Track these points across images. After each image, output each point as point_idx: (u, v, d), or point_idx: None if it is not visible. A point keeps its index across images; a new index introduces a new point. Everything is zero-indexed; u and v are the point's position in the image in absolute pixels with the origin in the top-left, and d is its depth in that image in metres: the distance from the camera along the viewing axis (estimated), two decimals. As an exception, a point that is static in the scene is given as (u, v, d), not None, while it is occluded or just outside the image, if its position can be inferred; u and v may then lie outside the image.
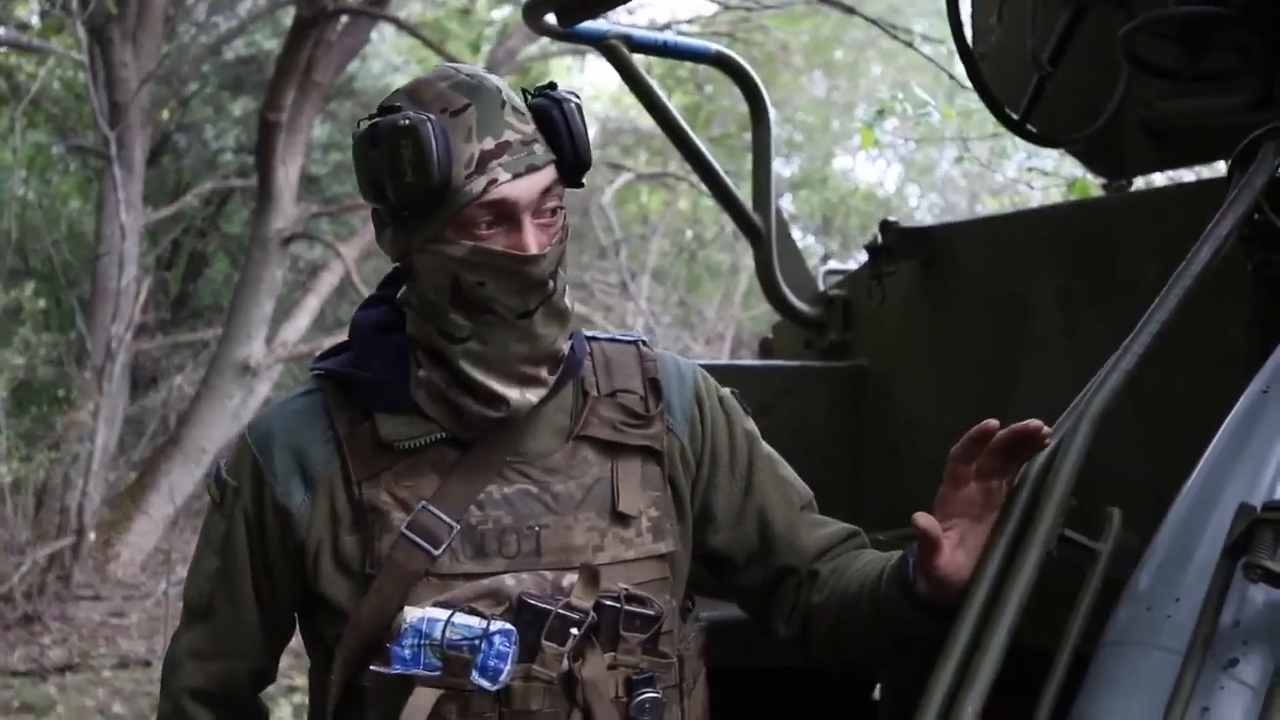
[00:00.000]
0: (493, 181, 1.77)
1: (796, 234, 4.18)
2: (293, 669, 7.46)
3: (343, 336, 2.01)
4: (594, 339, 2.02)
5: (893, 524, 3.25)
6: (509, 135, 1.79)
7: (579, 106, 1.87)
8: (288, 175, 11.42)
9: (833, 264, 4.87)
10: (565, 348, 1.90)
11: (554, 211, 1.83)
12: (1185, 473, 1.87)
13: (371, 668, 1.80)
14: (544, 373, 1.86)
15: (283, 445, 1.89)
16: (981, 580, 1.79)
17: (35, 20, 13.02)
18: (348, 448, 1.86)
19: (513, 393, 1.82)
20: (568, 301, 1.87)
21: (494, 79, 1.85)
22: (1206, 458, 1.87)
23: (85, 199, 14.56)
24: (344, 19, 11.87)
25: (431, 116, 1.76)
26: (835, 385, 3.72)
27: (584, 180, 1.90)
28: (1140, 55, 3.17)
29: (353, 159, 1.84)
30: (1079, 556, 1.83)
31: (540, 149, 1.81)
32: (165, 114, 13.84)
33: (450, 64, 1.92)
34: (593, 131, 20.16)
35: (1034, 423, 1.77)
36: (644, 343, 2.04)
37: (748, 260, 17.19)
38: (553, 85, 1.89)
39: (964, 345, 3.40)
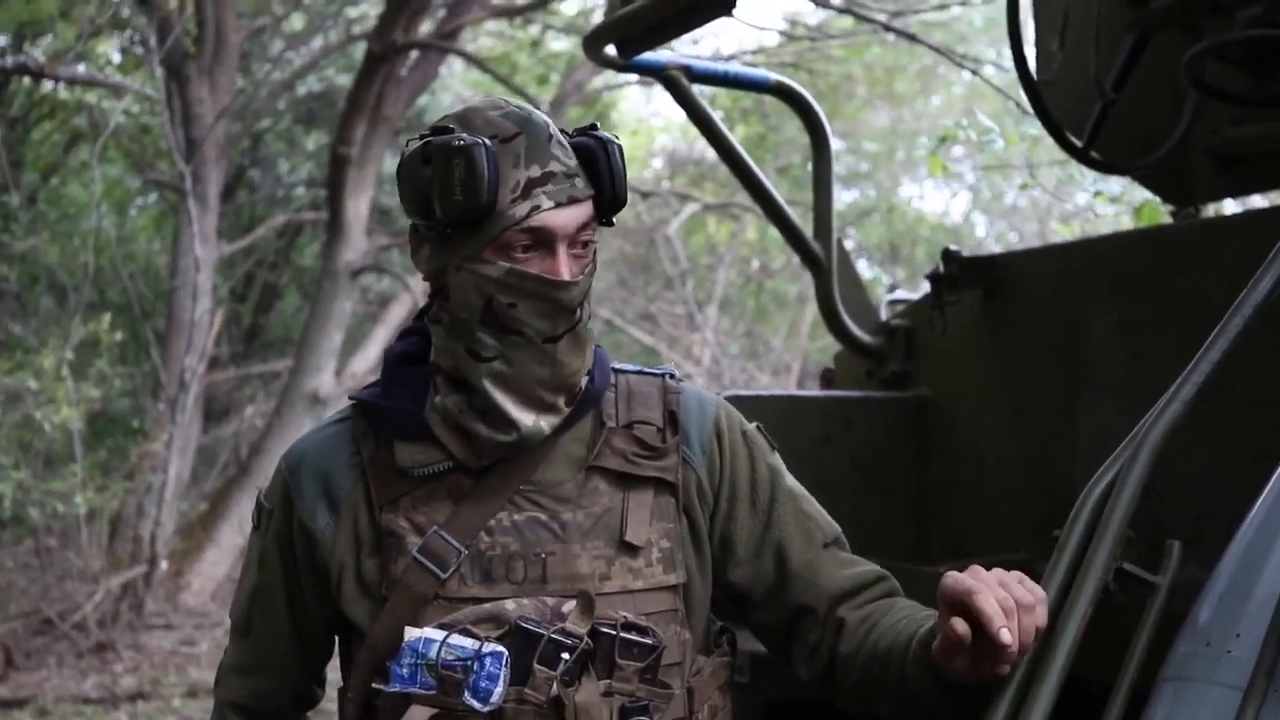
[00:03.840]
0: (535, 208, 1.82)
1: (862, 265, 4.18)
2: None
3: None
4: (621, 371, 2.04)
5: (956, 555, 3.23)
6: (554, 166, 1.85)
7: (620, 148, 1.92)
8: (358, 208, 11.58)
9: (899, 293, 4.83)
10: (584, 380, 1.93)
11: (586, 244, 1.89)
12: (1245, 506, 1.85)
13: (373, 685, 1.86)
14: (561, 402, 1.90)
15: (310, 471, 1.96)
16: (1038, 613, 1.75)
17: (116, 57, 13.27)
18: (370, 474, 1.92)
19: (527, 419, 1.86)
20: (591, 333, 1.93)
21: (541, 114, 1.91)
22: (1267, 492, 1.84)
23: (160, 233, 14.79)
24: (414, 54, 12.01)
25: (485, 140, 1.81)
26: (897, 415, 3.71)
27: (614, 220, 1.95)
28: (1207, 80, 3.13)
29: (398, 177, 1.91)
30: (1138, 590, 1.80)
31: (581, 183, 1.87)
32: (238, 149, 14.05)
33: (500, 97, 1.98)
34: (659, 163, 20.16)
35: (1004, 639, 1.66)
36: (673, 376, 2.06)
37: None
38: (594, 126, 1.95)
39: (1027, 375, 3.38)
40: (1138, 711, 1.73)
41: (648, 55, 3.73)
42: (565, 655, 1.82)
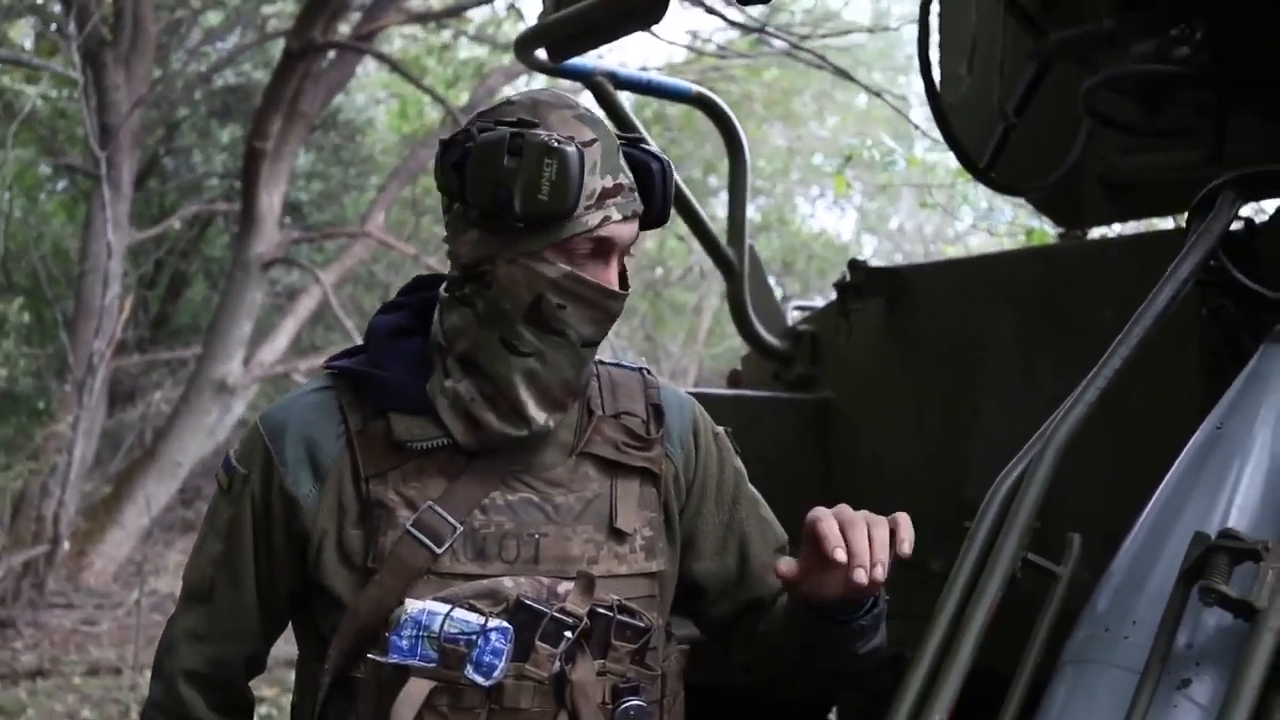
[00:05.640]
0: (606, 219, 1.84)
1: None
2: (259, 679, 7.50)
3: (319, 360, 2.04)
4: (600, 363, 2.05)
5: None
6: (622, 178, 1.87)
7: (672, 169, 1.97)
8: (271, 201, 11.60)
9: (798, 302, 4.97)
10: None
11: (626, 258, 1.93)
12: (1140, 504, 1.95)
13: (369, 656, 1.83)
14: (569, 400, 1.93)
15: (295, 436, 1.92)
16: (948, 599, 1.86)
17: (29, 44, 13.15)
18: (358, 444, 1.89)
19: (540, 416, 1.88)
20: None
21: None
22: (1162, 489, 1.94)
23: (70, 218, 14.65)
24: (331, 53, 12.06)
25: (577, 144, 1.81)
26: (802, 416, 3.78)
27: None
28: (1101, 110, 3.31)
29: (467, 159, 1.83)
30: (1041, 579, 1.90)
31: (637, 197, 1.90)
32: (153, 138, 13.98)
33: (562, 93, 1.97)
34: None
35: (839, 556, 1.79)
36: (648, 371, 2.10)
37: (711, 300, 17.55)
38: (643, 139, 1.99)
39: (925, 381, 3.49)
40: (1038, 698, 1.81)
41: (575, 61, 3.77)
42: (567, 634, 1.84)
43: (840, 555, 1.76)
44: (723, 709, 3.64)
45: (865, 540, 1.79)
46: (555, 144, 1.79)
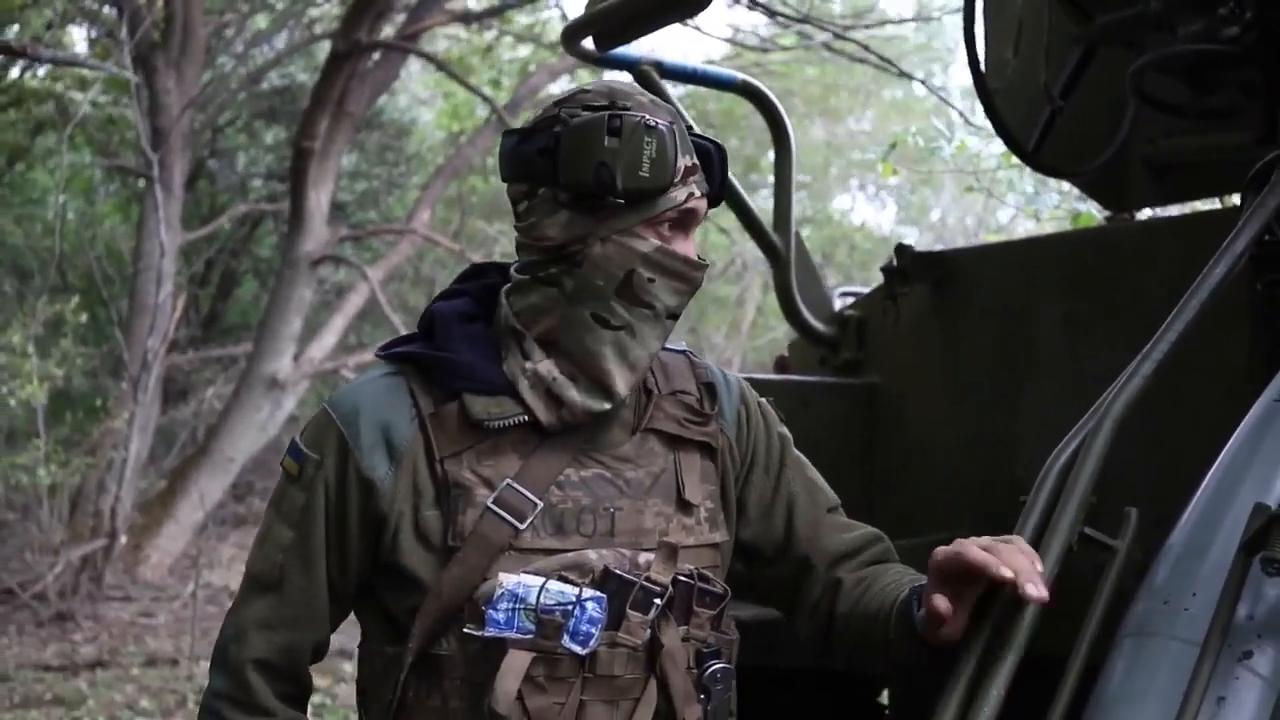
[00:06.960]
0: (691, 194, 1.92)
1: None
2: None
3: (366, 356, 2.04)
4: None
5: (900, 534, 3.34)
6: (695, 159, 1.94)
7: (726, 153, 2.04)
8: (319, 200, 11.73)
9: (844, 288, 4.96)
10: None
11: None
12: (1193, 480, 1.94)
13: (465, 630, 1.86)
14: (646, 373, 1.99)
15: (369, 420, 1.92)
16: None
17: (81, 48, 13.33)
18: (431, 426, 1.91)
19: (623, 387, 1.92)
20: None
21: None
22: (1220, 462, 1.93)
23: (124, 219, 14.84)
24: (377, 53, 12.17)
25: (671, 124, 1.88)
26: (849, 401, 3.77)
27: None
28: (1149, 91, 3.30)
29: (562, 142, 1.88)
30: (1093, 560, 1.88)
31: (704, 177, 1.97)
32: (202, 140, 14.15)
33: (616, 80, 2.03)
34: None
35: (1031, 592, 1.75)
36: (692, 353, 2.15)
37: (754, 292, 17.57)
38: (691, 127, 2.04)
39: (972, 365, 3.48)
40: (1095, 675, 1.80)
41: (621, 50, 3.73)
42: (656, 601, 1.88)
43: (1006, 574, 1.73)
44: (771, 693, 3.66)
45: (1020, 557, 1.76)
46: (652, 124, 1.86)
